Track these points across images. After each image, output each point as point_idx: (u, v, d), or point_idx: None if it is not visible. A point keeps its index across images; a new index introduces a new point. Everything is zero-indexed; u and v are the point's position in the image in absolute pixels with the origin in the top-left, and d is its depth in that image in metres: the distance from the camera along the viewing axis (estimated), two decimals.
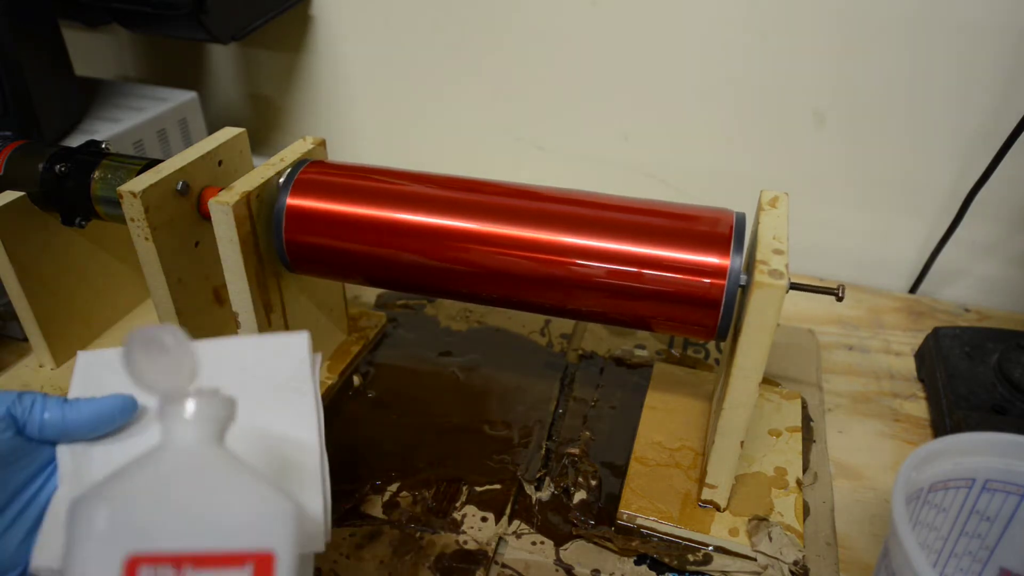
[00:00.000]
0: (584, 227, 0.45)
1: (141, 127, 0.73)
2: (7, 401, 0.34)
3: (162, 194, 0.48)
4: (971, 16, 0.62)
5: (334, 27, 0.84)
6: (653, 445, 0.53)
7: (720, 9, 0.69)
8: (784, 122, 0.73)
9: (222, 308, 0.57)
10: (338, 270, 0.51)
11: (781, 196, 0.46)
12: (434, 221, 0.47)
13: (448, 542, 0.47)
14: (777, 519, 0.48)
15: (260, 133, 0.97)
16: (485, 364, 0.63)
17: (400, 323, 0.67)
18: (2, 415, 0.33)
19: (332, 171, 0.50)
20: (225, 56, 0.93)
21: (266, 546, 0.27)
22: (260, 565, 0.27)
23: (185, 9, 0.65)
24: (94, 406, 0.35)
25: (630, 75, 0.76)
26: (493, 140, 0.85)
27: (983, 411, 0.53)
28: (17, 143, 0.55)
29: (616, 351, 0.64)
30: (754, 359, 0.41)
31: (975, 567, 0.43)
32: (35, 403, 0.34)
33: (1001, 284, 0.74)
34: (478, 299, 0.49)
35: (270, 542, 0.27)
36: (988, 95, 0.65)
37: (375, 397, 0.59)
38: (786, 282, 0.38)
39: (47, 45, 0.68)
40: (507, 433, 0.56)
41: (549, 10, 0.75)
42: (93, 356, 0.38)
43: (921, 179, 0.71)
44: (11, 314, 0.59)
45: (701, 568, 0.46)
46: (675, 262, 0.43)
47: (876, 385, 0.62)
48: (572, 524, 0.49)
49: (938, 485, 0.40)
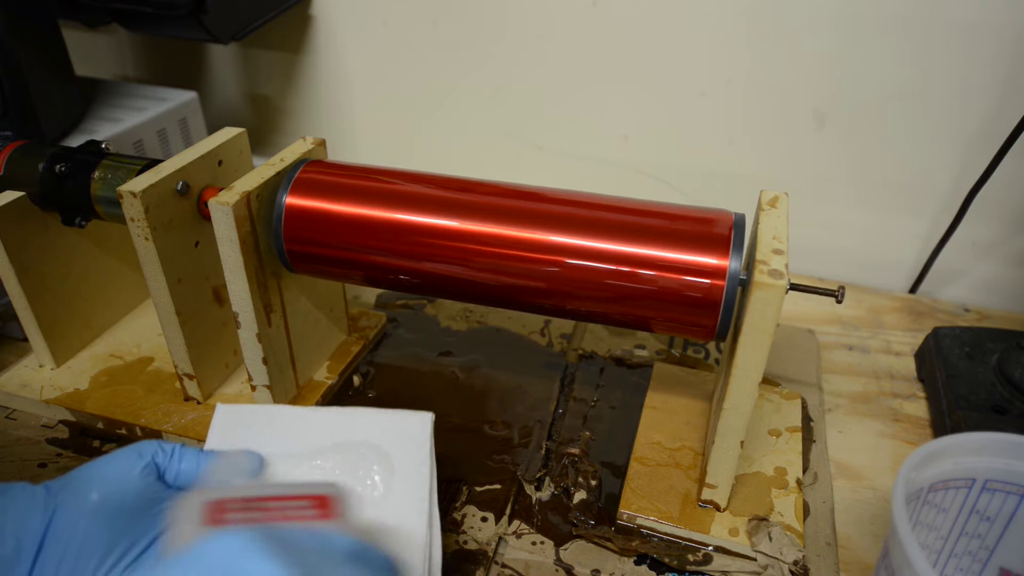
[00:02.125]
0: (584, 228, 0.45)
1: (141, 127, 0.73)
2: (152, 449, 0.36)
3: (162, 194, 0.48)
4: (971, 16, 0.62)
5: (334, 27, 0.84)
6: (653, 445, 0.53)
7: (720, 9, 0.69)
8: (784, 122, 0.73)
9: (222, 308, 0.57)
10: (338, 270, 0.51)
11: (781, 196, 0.46)
12: (434, 221, 0.47)
13: (448, 542, 0.47)
14: (777, 519, 0.48)
15: (260, 133, 0.97)
16: (485, 364, 0.63)
17: (400, 323, 0.67)
18: (147, 463, 0.36)
19: (332, 171, 0.50)
20: (225, 56, 0.93)
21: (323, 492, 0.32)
22: (318, 501, 0.31)
23: (185, 9, 0.65)
24: (226, 460, 0.37)
25: (630, 75, 0.76)
26: (492, 140, 0.85)
27: (983, 411, 0.53)
28: (17, 143, 0.55)
29: (616, 351, 0.64)
30: (754, 359, 0.41)
31: (975, 567, 0.43)
32: (175, 452, 0.37)
33: (1001, 284, 0.74)
34: (478, 299, 0.49)
35: (326, 491, 0.32)
36: (988, 95, 0.65)
37: (375, 397, 0.59)
38: (786, 282, 0.38)
39: (47, 45, 0.68)
40: (507, 433, 0.56)
41: (549, 10, 0.75)
42: (230, 411, 0.40)
43: (921, 179, 0.71)
44: (11, 314, 0.59)
45: (701, 568, 0.46)
46: (674, 263, 0.43)
47: (876, 385, 0.62)
48: (572, 524, 0.49)
49: (938, 485, 0.40)
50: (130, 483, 0.35)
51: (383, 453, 0.39)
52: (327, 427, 0.40)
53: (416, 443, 0.40)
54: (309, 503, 0.31)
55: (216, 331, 0.56)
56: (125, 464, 0.35)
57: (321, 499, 0.32)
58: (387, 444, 0.40)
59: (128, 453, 0.36)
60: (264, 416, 0.40)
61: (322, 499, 0.32)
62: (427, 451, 0.40)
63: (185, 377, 0.55)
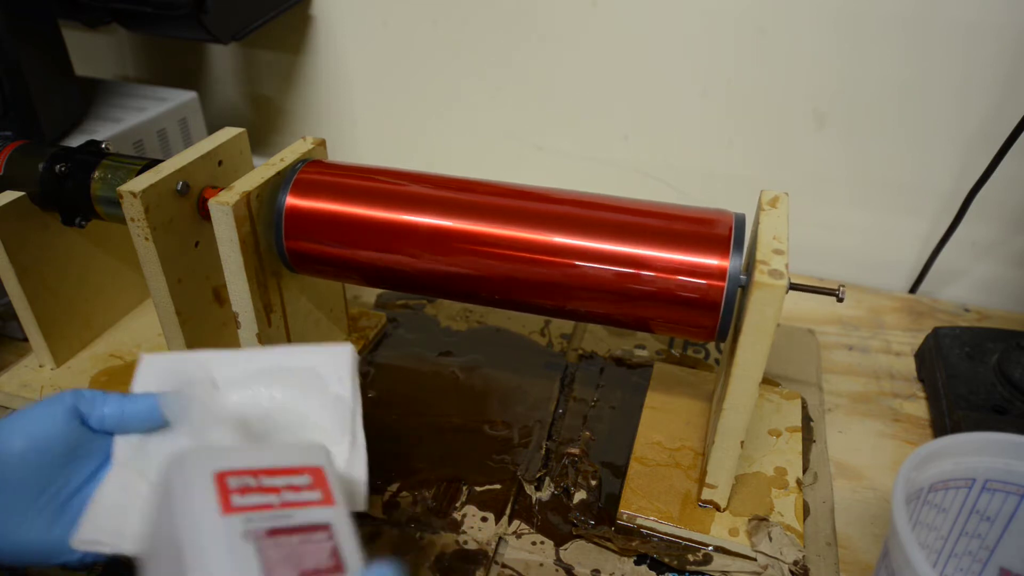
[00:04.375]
0: (584, 228, 0.45)
1: (141, 127, 0.73)
2: (71, 398, 0.37)
3: (162, 194, 0.48)
4: (971, 16, 0.62)
5: (334, 27, 0.84)
6: (653, 445, 0.53)
7: (720, 9, 0.69)
8: (784, 122, 0.73)
9: (222, 308, 0.57)
10: (338, 270, 0.51)
11: (781, 196, 0.46)
12: (434, 221, 0.47)
13: (448, 542, 0.47)
14: (777, 519, 0.48)
15: (260, 133, 0.97)
16: (485, 364, 0.63)
17: (400, 323, 0.67)
18: (69, 407, 0.36)
19: (332, 171, 0.50)
20: (225, 56, 0.93)
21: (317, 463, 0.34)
22: (315, 475, 0.33)
23: (185, 9, 0.65)
24: (150, 401, 0.38)
25: (630, 75, 0.76)
26: (493, 140, 0.85)
27: (983, 411, 0.53)
28: (17, 143, 0.55)
29: (616, 351, 0.64)
30: (754, 359, 0.41)
31: (975, 567, 0.43)
32: (96, 398, 0.37)
33: (1001, 284, 0.74)
34: (478, 299, 0.49)
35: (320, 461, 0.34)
36: (988, 95, 0.65)
37: (375, 397, 0.59)
38: (786, 282, 0.38)
39: (47, 45, 0.68)
40: (507, 433, 0.56)
41: (549, 10, 0.75)
42: (154, 358, 0.41)
43: (921, 179, 0.71)
44: (11, 314, 0.59)
45: (701, 568, 0.46)
46: (675, 263, 0.43)
47: (876, 385, 0.62)
48: (572, 524, 0.49)
49: (938, 485, 0.40)
50: (54, 429, 0.36)
51: (315, 376, 0.41)
52: (257, 363, 0.41)
53: (342, 371, 0.41)
54: (310, 479, 0.33)
55: (216, 331, 0.56)
56: (46, 412, 0.36)
57: (316, 472, 0.34)
58: (318, 369, 0.41)
59: (47, 403, 0.37)
60: (193, 362, 0.41)
61: (317, 472, 0.34)
62: (349, 376, 0.41)
63: None
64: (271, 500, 0.31)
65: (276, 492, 0.32)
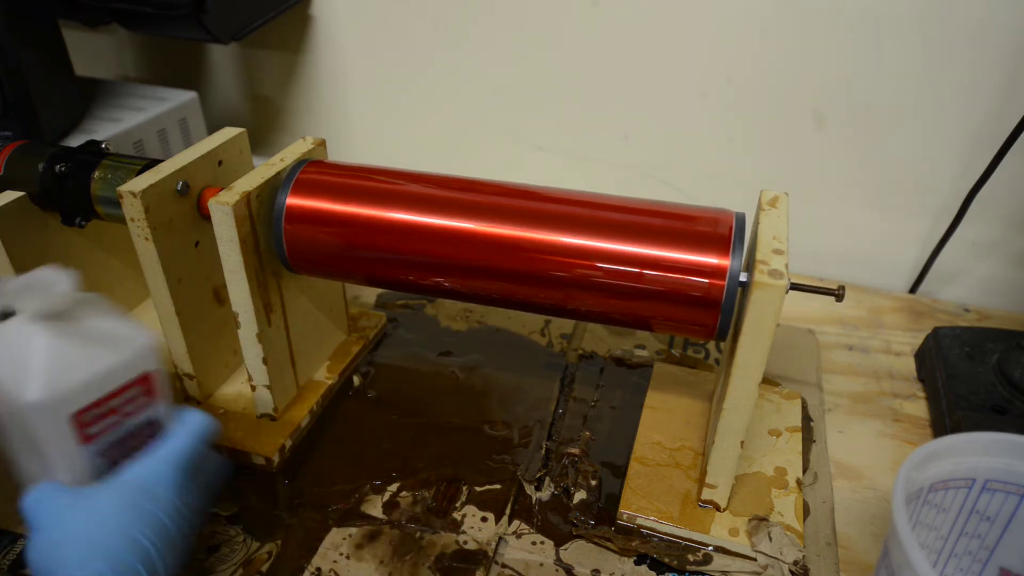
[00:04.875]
0: (584, 227, 0.45)
1: (141, 127, 0.73)
2: None
3: (162, 194, 0.48)
4: (971, 16, 0.62)
5: (334, 27, 0.84)
6: (653, 445, 0.53)
7: (720, 9, 0.69)
8: (784, 122, 0.73)
9: (222, 308, 0.57)
10: (338, 270, 0.51)
11: (781, 196, 0.46)
12: (434, 221, 0.47)
13: (448, 542, 0.47)
14: (777, 519, 0.48)
15: (260, 133, 0.97)
16: (485, 364, 0.63)
17: (400, 323, 0.67)
18: None
19: (332, 171, 0.50)
20: (225, 56, 0.93)
21: (145, 369, 0.40)
22: (144, 383, 0.40)
23: (185, 9, 0.65)
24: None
25: (630, 75, 0.76)
26: (493, 140, 0.85)
27: (983, 411, 0.53)
28: (17, 143, 0.55)
29: (616, 351, 0.64)
30: (754, 359, 0.41)
31: (975, 567, 0.43)
32: None
33: (1001, 284, 0.74)
34: (478, 299, 0.49)
35: (148, 367, 0.40)
36: (988, 95, 0.65)
37: (375, 397, 0.59)
38: (786, 282, 0.38)
39: (47, 45, 0.68)
40: (507, 433, 0.56)
41: (549, 10, 0.75)
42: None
43: (921, 179, 0.71)
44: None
45: (701, 568, 0.46)
46: (675, 262, 0.43)
47: (876, 385, 0.62)
48: (572, 524, 0.49)
49: (938, 485, 0.40)
50: None
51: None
52: None
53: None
54: (139, 389, 0.40)
55: (216, 331, 0.56)
56: None
57: (144, 380, 0.40)
58: None
59: None
60: None
61: (145, 380, 0.40)
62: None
63: (185, 377, 0.55)
64: (114, 420, 0.39)
65: (115, 413, 0.39)
